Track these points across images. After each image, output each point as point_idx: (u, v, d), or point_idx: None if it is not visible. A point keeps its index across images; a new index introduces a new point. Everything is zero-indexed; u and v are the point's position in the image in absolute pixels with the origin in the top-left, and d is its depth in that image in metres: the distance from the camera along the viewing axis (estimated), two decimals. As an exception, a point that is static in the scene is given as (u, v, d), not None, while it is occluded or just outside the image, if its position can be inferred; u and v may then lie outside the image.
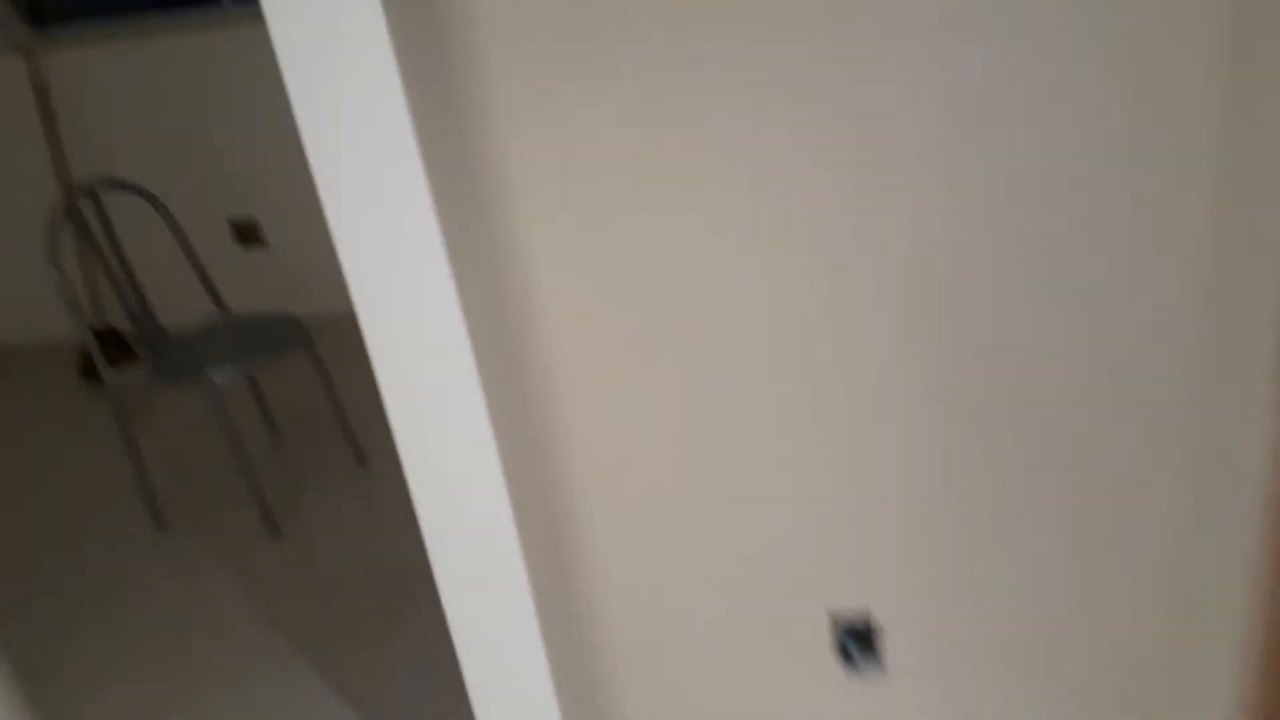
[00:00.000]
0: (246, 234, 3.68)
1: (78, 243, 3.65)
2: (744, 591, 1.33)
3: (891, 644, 1.33)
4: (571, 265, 1.16)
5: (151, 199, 2.83)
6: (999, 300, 1.11)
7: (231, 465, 3.02)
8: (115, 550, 2.75)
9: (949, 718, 1.38)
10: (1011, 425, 1.18)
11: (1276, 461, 1.04)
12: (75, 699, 2.26)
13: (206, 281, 2.92)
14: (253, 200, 3.63)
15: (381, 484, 2.83)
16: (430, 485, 1.22)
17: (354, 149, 1.05)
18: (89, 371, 3.62)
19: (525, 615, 1.28)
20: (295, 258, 3.70)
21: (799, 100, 1.04)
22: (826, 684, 1.37)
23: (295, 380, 3.43)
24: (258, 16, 3.33)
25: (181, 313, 3.75)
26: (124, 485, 3.02)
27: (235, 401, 3.32)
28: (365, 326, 1.12)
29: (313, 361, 2.81)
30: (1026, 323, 1.12)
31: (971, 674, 1.34)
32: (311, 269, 3.71)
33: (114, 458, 3.17)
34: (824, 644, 1.34)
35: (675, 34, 1.02)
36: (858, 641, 1.31)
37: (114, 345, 3.64)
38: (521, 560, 1.25)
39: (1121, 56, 0.99)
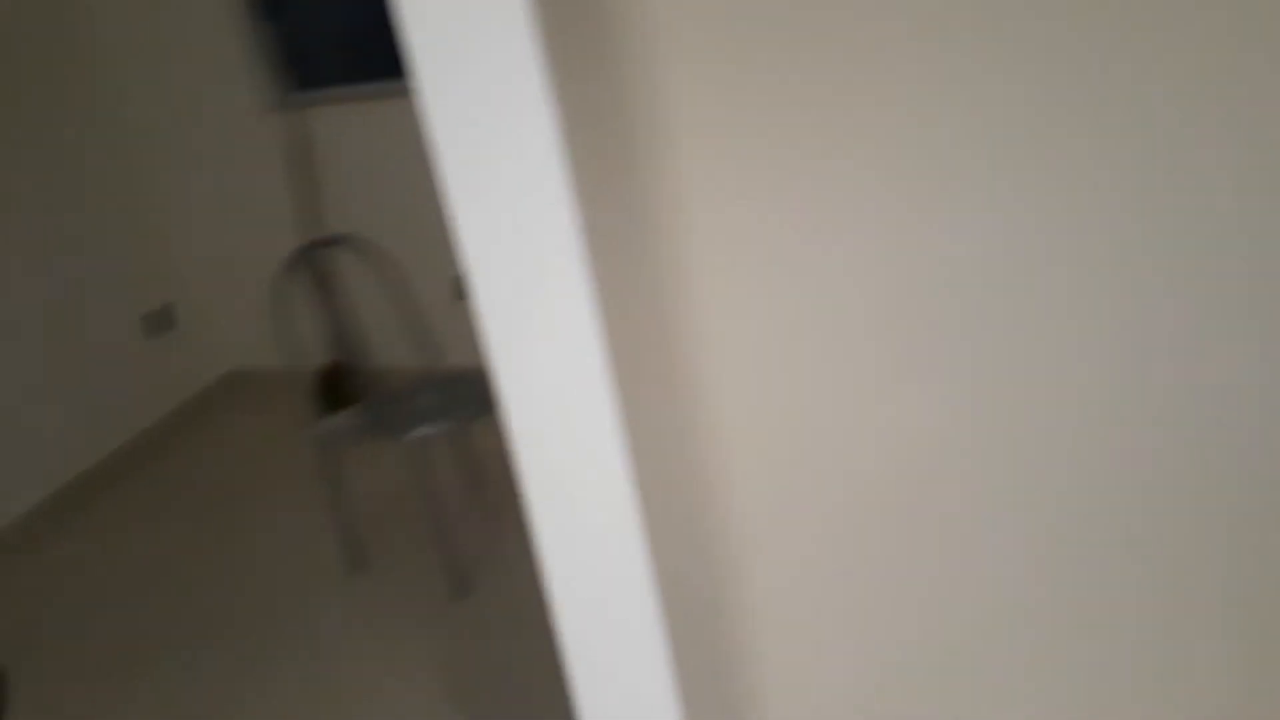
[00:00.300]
0: (467, 288, 3.77)
1: (311, 289, 3.87)
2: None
3: None
4: (760, 371, 1.00)
5: (377, 255, 2.93)
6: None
7: (431, 517, 3.05)
8: (307, 586, 2.83)
9: None
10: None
11: None
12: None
13: (424, 336, 2.98)
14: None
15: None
16: (569, 587, 1.09)
17: (509, 233, 0.94)
18: (322, 403, 3.80)
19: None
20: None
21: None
22: None
23: (503, 436, 3.44)
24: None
25: (402, 360, 3.88)
26: (330, 521, 3.11)
27: (440, 454, 3.37)
28: (511, 418, 1.01)
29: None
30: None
31: None
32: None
33: (326, 493, 3.28)
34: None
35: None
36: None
37: (347, 380, 3.80)
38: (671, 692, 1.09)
39: None
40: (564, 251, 0.95)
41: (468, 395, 2.67)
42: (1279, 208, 0.79)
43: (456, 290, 3.78)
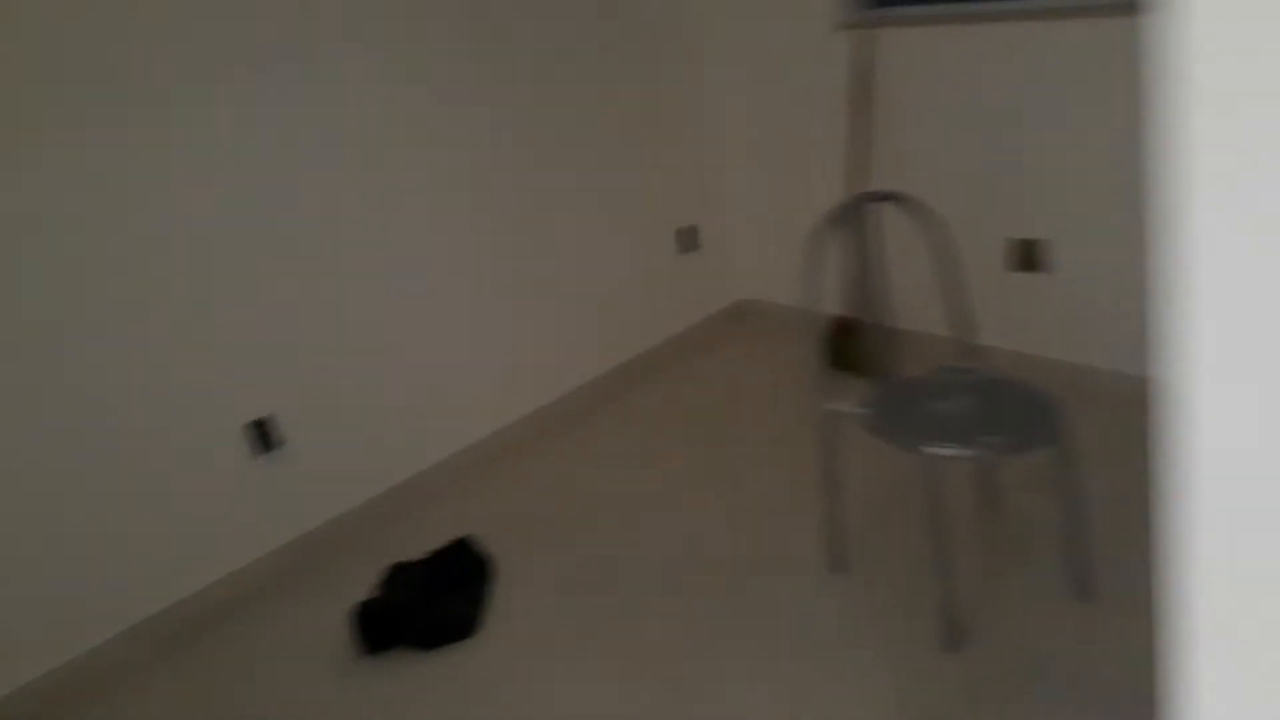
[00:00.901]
0: (1025, 258, 3.15)
1: (847, 240, 3.50)
2: None
3: None
4: None
5: (924, 211, 2.45)
6: None
7: (932, 545, 2.57)
8: (777, 565, 2.53)
9: None
10: None
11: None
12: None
13: (961, 307, 2.47)
14: (1039, 218, 3.08)
15: (1102, 630, 2.14)
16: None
17: None
18: (829, 356, 3.48)
19: None
20: (1083, 294, 3.07)
21: None
22: None
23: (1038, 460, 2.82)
24: (1107, 8, 2.70)
25: (926, 327, 3.40)
26: (816, 502, 2.79)
27: (955, 470, 2.84)
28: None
29: (1062, 453, 2.19)
30: None
31: None
32: (1102, 311, 3.05)
33: (819, 471, 2.96)
34: None
35: None
36: None
37: (858, 338, 3.43)
38: None
39: None
40: None
41: (1012, 415, 2.11)
42: None
43: (1009, 258, 3.18)
